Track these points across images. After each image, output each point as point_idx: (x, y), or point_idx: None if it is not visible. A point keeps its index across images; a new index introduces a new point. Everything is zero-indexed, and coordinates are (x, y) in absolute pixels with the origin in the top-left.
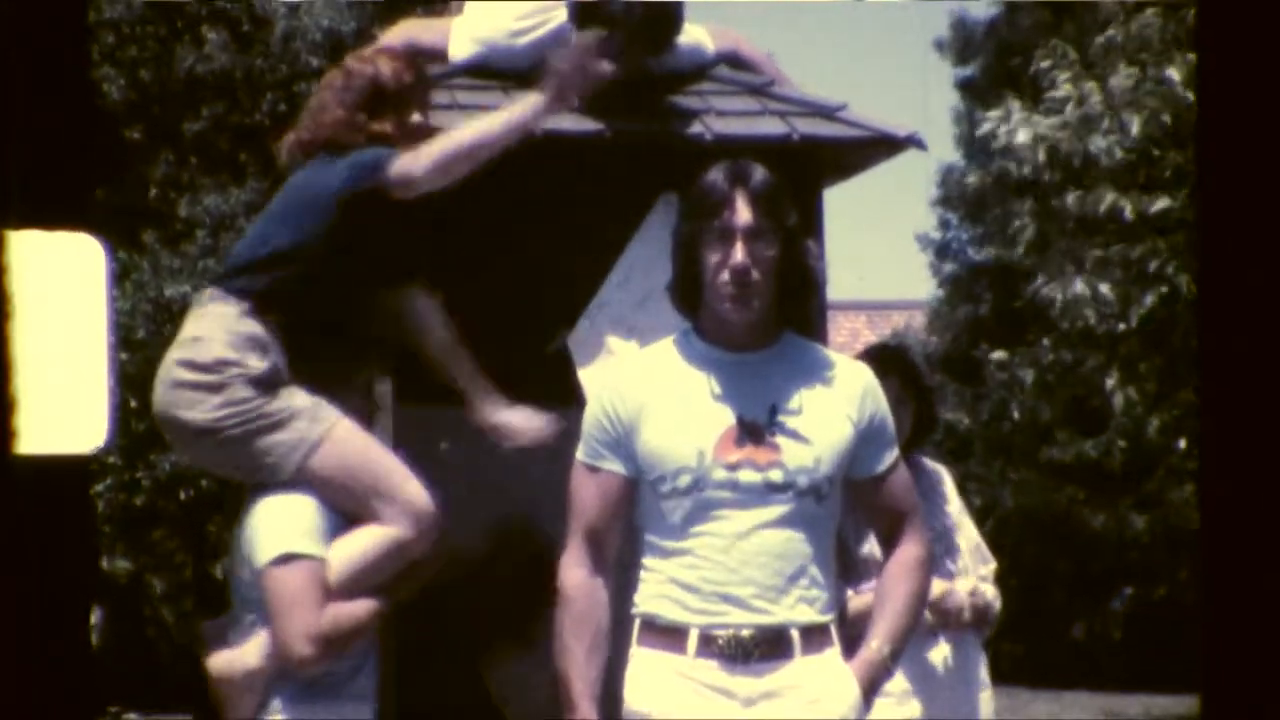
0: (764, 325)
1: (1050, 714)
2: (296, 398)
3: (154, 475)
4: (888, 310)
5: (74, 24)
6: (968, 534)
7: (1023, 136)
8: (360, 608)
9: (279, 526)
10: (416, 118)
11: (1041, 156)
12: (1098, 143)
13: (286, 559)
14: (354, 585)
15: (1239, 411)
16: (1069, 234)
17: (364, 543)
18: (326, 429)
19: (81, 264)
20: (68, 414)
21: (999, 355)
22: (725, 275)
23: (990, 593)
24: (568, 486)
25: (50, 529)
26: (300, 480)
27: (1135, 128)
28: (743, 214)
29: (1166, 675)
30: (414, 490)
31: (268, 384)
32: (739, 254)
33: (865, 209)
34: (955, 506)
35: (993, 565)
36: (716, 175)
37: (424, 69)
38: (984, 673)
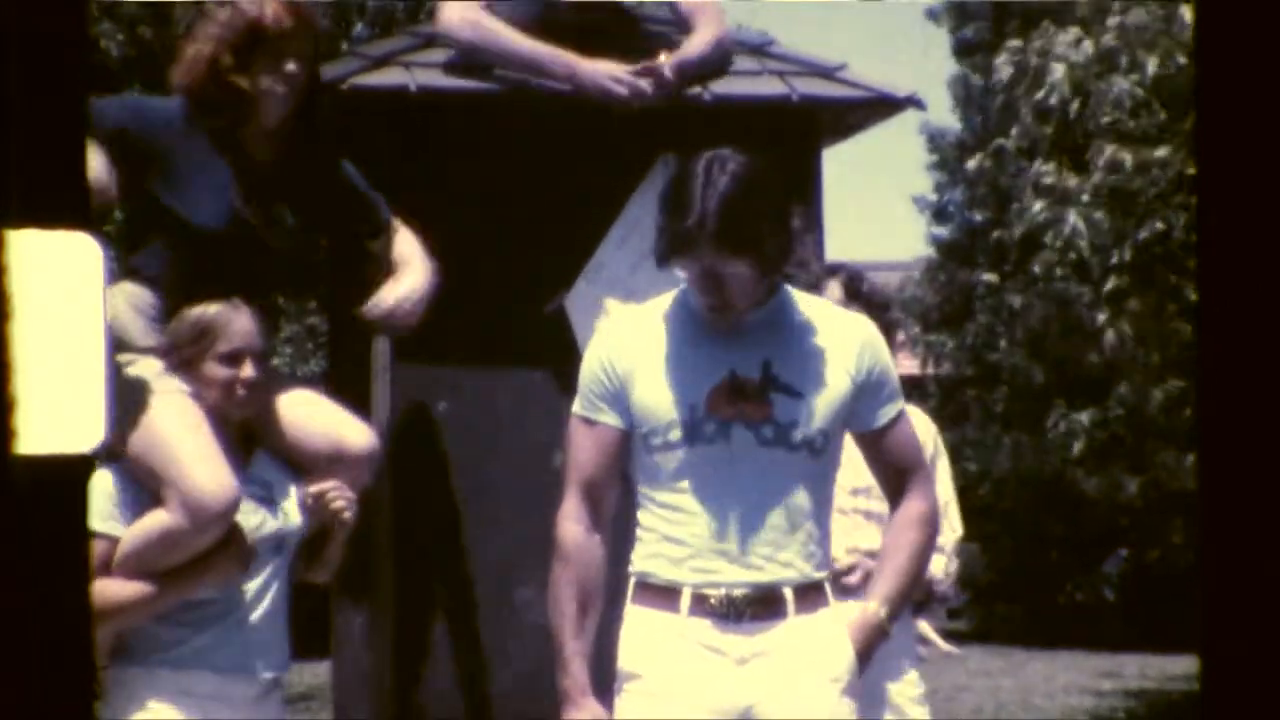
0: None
1: (1045, 674)
2: (137, 367)
3: None
4: (887, 271)
5: (74, 22)
6: None
7: (1059, 72)
8: (117, 589)
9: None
10: (292, 67)
11: (1068, 89)
12: (1120, 84)
13: None
14: (130, 566)
15: (1238, 367)
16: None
17: (145, 525)
18: (138, 401)
19: (80, 263)
20: (66, 414)
21: (989, 278)
22: (700, 298)
23: (937, 565)
24: (565, 442)
25: (50, 528)
26: (112, 450)
27: (1151, 67)
28: (706, 247)
29: (1161, 636)
30: (198, 479)
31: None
32: (709, 290)
33: (863, 169)
34: None
35: (957, 534)
36: (684, 196)
37: (312, 16)
38: (914, 650)
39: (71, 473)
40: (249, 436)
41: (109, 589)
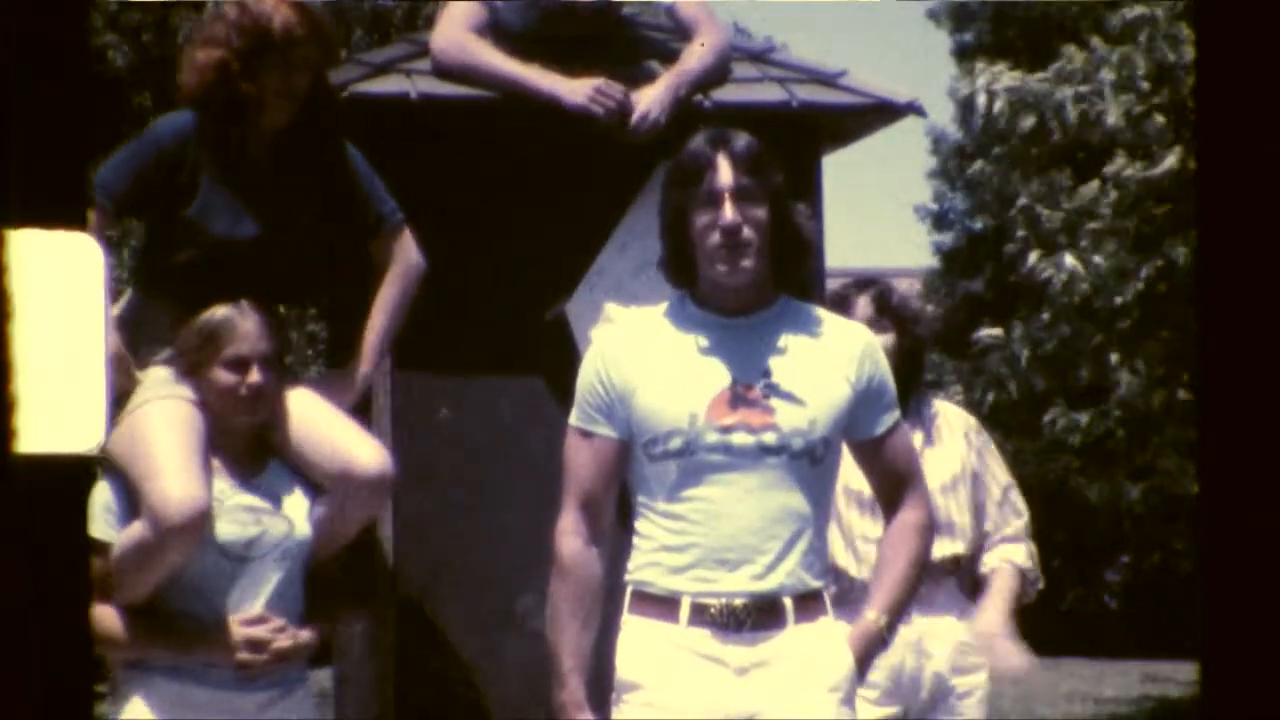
0: (758, 288)
1: (1048, 681)
2: (144, 376)
3: None
4: (888, 278)
5: (74, 22)
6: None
7: (999, 105)
8: (115, 625)
9: (93, 507)
10: (300, 73)
11: (1029, 122)
12: (1064, 92)
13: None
14: (118, 572)
15: (1238, 377)
16: (1069, 215)
17: (126, 534)
18: (131, 408)
19: (80, 263)
20: (66, 413)
21: (994, 332)
22: (716, 236)
23: (1020, 556)
24: (562, 453)
25: (50, 526)
26: (106, 460)
27: (1110, 78)
28: (726, 174)
29: (1163, 642)
30: (163, 489)
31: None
32: (728, 213)
33: (864, 176)
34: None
35: (1024, 518)
36: (697, 141)
37: (323, 23)
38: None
39: (71, 472)
40: (262, 444)
41: (99, 617)
